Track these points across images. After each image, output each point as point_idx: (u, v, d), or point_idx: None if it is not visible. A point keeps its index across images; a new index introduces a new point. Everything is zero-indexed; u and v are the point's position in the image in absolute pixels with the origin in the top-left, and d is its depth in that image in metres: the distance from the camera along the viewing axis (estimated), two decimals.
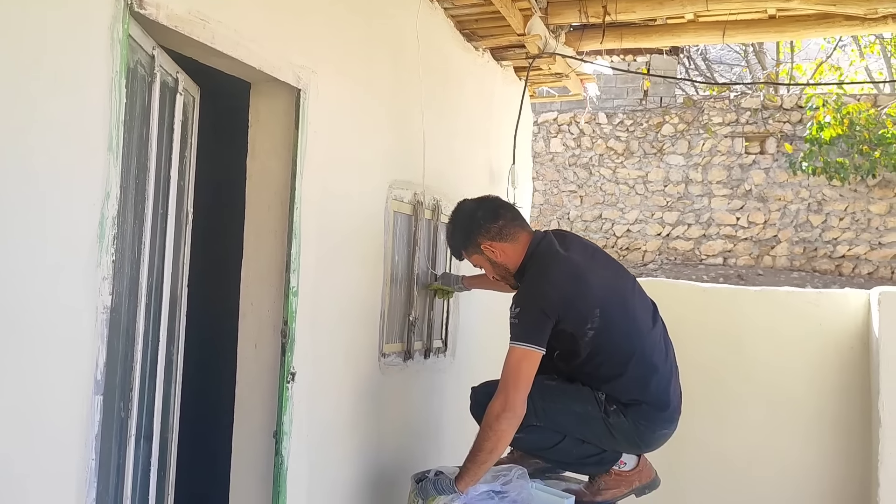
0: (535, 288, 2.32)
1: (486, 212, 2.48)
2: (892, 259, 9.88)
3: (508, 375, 2.23)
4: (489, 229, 2.44)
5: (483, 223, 2.46)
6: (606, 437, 2.36)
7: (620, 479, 2.41)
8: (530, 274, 2.38)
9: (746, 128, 10.56)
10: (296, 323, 2.25)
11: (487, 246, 2.45)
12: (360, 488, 2.62)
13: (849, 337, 3.31)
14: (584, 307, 2.29)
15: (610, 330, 2.31)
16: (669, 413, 2.37)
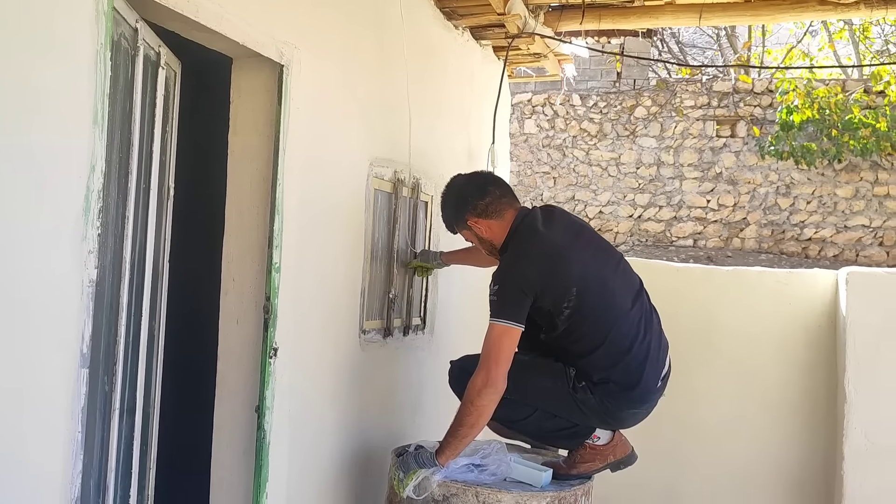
0: (514, 266, 2.36)
1: (475, 188, 2.51)
2: (856, 242, 10.09)
3: (489, 352, 2.27)
4: (476, 206, 2.48)
5: (471, 200, 2.49)
6: (575, 413, 2.41)
7: (595, 453, 2.46)
8: (509, 251, 2.42)
9: (718, 111, 10.68)
10: (278, 299, 2.26)
11: (474, 222, 2.49)
12: (342, 462, 2.65)
13: (817, 315, 3.40)
14: (560, 286, 2.32)
15: (586, 309, 2.34)
16: (639, 392, 2.39)
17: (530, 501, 2.26)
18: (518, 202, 2.54)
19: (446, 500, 2.27)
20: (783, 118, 9.60)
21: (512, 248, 2.42)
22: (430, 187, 3.22)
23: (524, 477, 2.34)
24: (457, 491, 2.27)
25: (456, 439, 2.29)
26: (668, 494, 3.51)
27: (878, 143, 9.31)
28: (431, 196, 3.26)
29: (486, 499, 2.24)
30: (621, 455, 2.48)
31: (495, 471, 2.32)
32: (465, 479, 2.29)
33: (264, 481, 2.24)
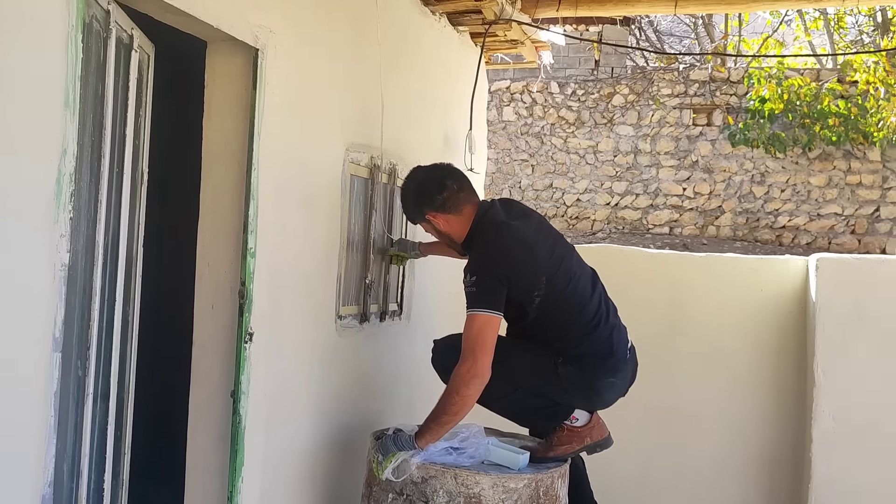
0: (488, 256, 2.40)
1: (432, 183, 2.54)
2: (829, 230, 10.23)
3: (474, 342, 2.30)
4: (433, 200, 2.51)
5: (429, 194, 2.52)
6: (558, 388, 2.45)
7: (573, 434, 2.49)
8: (481, 242, 2.45)
9: (694, 100, 10.75)
10: (253, 284, 2.26)
11: (432, 216, 2.53)
12: (318, 447, 2.66)
13: (788, 301, 3.45)
14: (531, 275, 2.39)
15: (554, 297, 2.41)
16: (614, 362, 2.47)
17: (508, 483, 2.28)
18: (476, 196, 2.57)
19: (425, 482, 2.29)
20: (754, 107, 9.69)
21: (481, 241, 2.45)
22: (406, 173, 3.21)
23: (502, 460, 2.37)
24: (435, 473, 2.29)
25: (437, 425, 2.32)
26: (641, 478, 3.55)
27: (848, 133, 9.43)
28: None
29: (464, 480, 2.27)
30: (598, 438, 2.52)
31: (473, 453, 2.34)
32: (444, 461, 2.31)
33: (240, 466, 2.24)
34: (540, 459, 2.47)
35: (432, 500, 2.27)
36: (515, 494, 2.29)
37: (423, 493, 2.28)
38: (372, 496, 2.41)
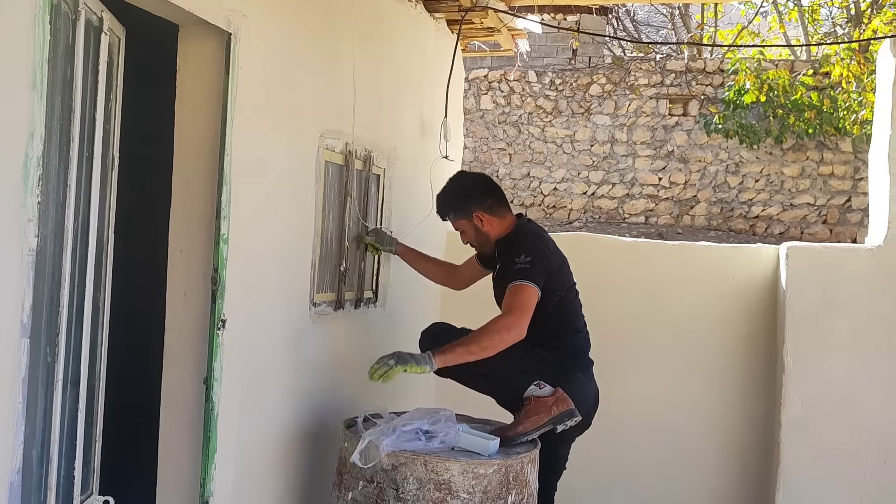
0: (540, 247, 2.72)
1: (483, 186, 2.89)
2: (801, 220, 10.35)
3: (522, 304, 2.56)
4: (483, 201, 2.80)
5: (479, 195, 2.82)
6: (532, 368, 2.62)
7: (540, 404, 2.53)
8: (529, 240, 2.73)
9: (671, 90, 10.81)
10: (226, 270, 2.25)
11: (479, 215, 2.79)
12: (291, 434, 2.66)
13: (759, 289, 3.50)
14: (562, 278, 2.75)
15: (568, 303, 2.78)
16: (586, 362, 2.79)
17: (478, 469, 2.30)
18: (510, 208, 2.89)
19: (395, 470, 2.30)
20: (730, 97, 9.76)
21: (528, 240, 2.74)
22: (382, 160, 3.21)
23: (472, 446, 2.39)
24: (405, 460, 2.30)
25: (463, 351, 2.51)
26: (614, 465, 3.60)
27: (822, 126, 9.54)
28: (384, 169, 3.25)
29: (434, 467, 2.28)
30: (564, 408, 2.56)
31: (444, 439, 2.36)
32: (414, 447, 2.32)
33: (213, 453, 2.24)
34: (510, 438, 2.49)
35: (402, 488, 2.28)
36: (485, 480, 2.31)
37: (393, 481, 2.30)
38: (343, 484, 2.42)
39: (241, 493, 2.37)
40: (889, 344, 3.08)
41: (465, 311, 3.90)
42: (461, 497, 2.28)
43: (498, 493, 2.32)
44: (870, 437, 3.09)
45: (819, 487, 3.13)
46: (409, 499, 2.28)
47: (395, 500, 2.29)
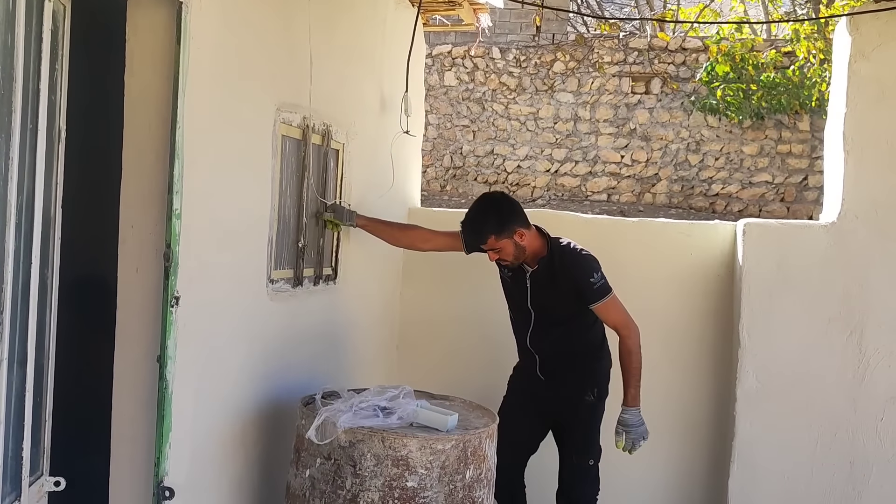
0: (593, 260, 3.01)
1: (516, 205, 3.02)
2: (760, 198, 10.50)
3: (624, 314, 2.98)
4: (522, 220, 2.94)
5: (518, 214, 2.96)
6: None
7: None
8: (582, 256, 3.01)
9: (633, 68, 10.85)
10: (179, 246, 2.19)
11: (521, 233, 2.91)
12: (250, 412, 2.63)
13: (716, 265, 3.54)
14: None
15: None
16: None
17: (436, 445, 2.30)
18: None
19: (352, 446, 2.29)
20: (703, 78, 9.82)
21: (575, 254, 3.01)
22: (341, 135, 3.17)
23: (430, 421, 2.38)
24: (363, 437, 2.28)
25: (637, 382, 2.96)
26: None
27: (790, 102, 9.64)
28: (343, 144, 3.21)
29: (392, 443, 2.27)
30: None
31: (402, 415, 2.35)
32: (372, 424, 2.31)
33: (167, 431, 2.20)
34: None
35: (360, 464, 2.27)
36: (443, 455, 2.31)
37: (350, 458, 2.29)
38: (300, 461, 2.40)
39: (197, 472, 2.34)
40: (841, 318, 3.15)
41: (427, 288, 3.91)
42: (419, 473, 2.27)
43: (456, 468, 2.33)
44: (821, 409, 3.16)
45: (772, 458, 3.20)
46: (366, 475, 2.27)
47: (352, 476, 2.28)
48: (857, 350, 3.13)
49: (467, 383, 3.22)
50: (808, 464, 3.17)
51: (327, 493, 2.32)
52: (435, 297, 3.90)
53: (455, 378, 3.45)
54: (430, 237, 3.29)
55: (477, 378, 3.25)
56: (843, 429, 3.14)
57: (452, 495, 2.32)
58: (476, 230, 2.96)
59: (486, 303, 3.76)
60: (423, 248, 3.36)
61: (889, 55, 3.10)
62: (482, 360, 3.40)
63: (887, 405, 3.10)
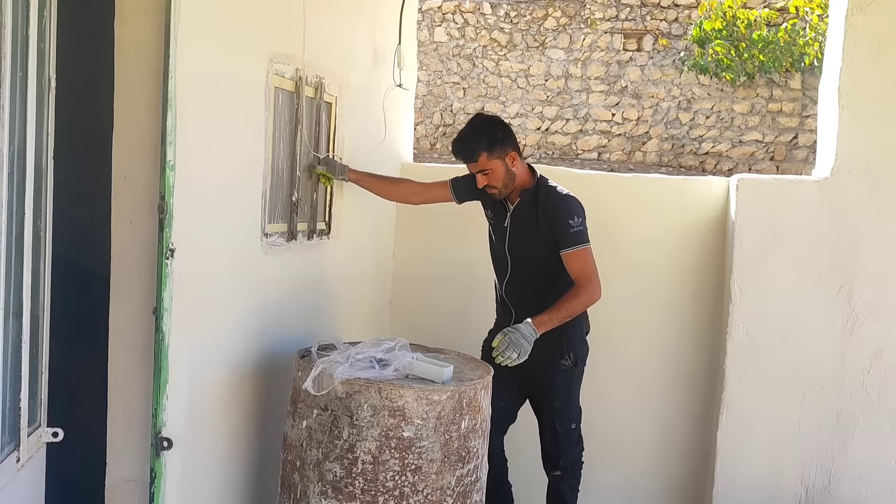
0: (578, 205, 2.91)
1: (509, 129, 2.96)
2: (750, 156, 10.51)
3: (593, 270, 2.86)
4: (515, 145, 2.90)
5: (511, 138, 2.91)
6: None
7: None
8: (569, 198, 2.93)
9: (626, 24, 10.75)
10: (173, 198, 2.17)
11: (513, 157, 2.88)
12: (245, 364, 2.64)
13: (709, 220, 3.55)
14: None
15: None
16: None
17: (432, 396, 2.32)
18: None
19: (349, 397, 2.31)
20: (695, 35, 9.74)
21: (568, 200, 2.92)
22: (334, 88, 3.13)
23: (425, 373, 2.40)
24: (360, 388, 2.30)
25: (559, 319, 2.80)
26: None
27: (780, 60, 9.60)
28: (335, 97, 3.17)
29: (388, 394, 2.29)
30: None
31: (397, 367, 2.37)
32: (368, 375, 2.33)
33: (164, 383, 2.20)
34: None
35: (356, 415, 2.29)
36: (439, 406, 2.33)
37: (347, 408, 2.31)
38: (297, 412, 2.42)
39: (194, 423, 2.35)
40: (831, 273, 3.17)
41: (420, 243, 3.92)
42: (415, 423, 2.30)
43: (451, 418, 2.35)
44: (810, 362, 3.21)
45: (760, 411, 3.25)
46: (363, 425, 2.29)
47: (349, 426, 2.31)
48: (847, 304, 3.16)
49: (459, 338, 3.23)
50: (795, 416, 3.22)
51: (324, 444, 2.34)
52: (428, 253, 3.91)
53: (447, 333, 3.46)
54: (421, 189, 3.29)
55: (469, 333, 3.26)
56: (830, 382, 3.19)
57: (448, 445, 2.35)
58: (469, 147, 2.88)
59: (478, 259, 3.76)
60: (414, 201, 3.35)
61: (886, 9, 3.07)
62: (474, 315, 3.41)
63: (874, 358, 3.14)
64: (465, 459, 2.39)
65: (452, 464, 2.36)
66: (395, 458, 2.31)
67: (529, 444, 3.11)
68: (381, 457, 2.31)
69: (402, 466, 2.32)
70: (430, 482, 2.34)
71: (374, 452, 2.30)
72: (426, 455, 2.33)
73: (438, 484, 2.35)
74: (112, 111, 2.23)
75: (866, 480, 3.16)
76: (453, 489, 2.37)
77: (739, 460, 3.27)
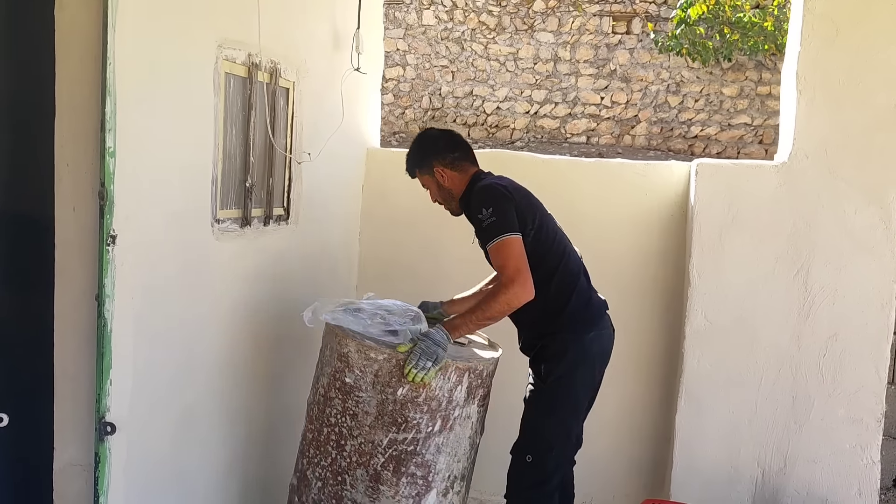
0: (495, 190, 2.65)
1: (447, 142, 2.83)
2: (738, 140, 10.50)
3: (511, 257, 2.51)
4: (445, 157, 2.78)
5: (442, 150, 2.80)
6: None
7: None
8: (484, 189, 2.67)
9: (614, 7, 10.69)
10: (114, 185, 2.19)
11: (440, 170, 2.78)
12: (193, 350, 2.66)
13: (670, 205, 3.56)
14: (528, 208, 2.68)
15: (543, 234, 2.69)
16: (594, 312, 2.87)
17: (370, 353, 2.46)
18: (478, 165, 2.87)
19: (325, 337, 2.66)
20: (679, 15, 9.70)
21: (482, 191, 2.66)
22: (291, 73, 3.13)
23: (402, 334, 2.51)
24: (329, 331, 2.62)
25: (475, 325, 2.55)
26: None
27: (765, 43, 9.56)
28: (293, 83, 3.17)
29: (340, 341, 2.54)
30: None
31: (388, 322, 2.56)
32: (344, 322, 2.57)
33: (107, 368, 2.23)
34: None
35: (323, 353, 2.66)
36: (376, 364, 2.47)
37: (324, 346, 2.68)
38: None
39: (140, 408, 2.37)
40: (788, 257, 3.18)
41: (387, 228, 3.92)
42: (355, 372, 2.49)
43: (387, 381, 2.46)
44: (767, 346, 3.22)
45: (718, 394, 3.27)
46: (324, 363, 2.64)
47: (320, 361, 2.69)
48: (803, 288, 3.17)
49: None
50: (752, 399, 3.24)
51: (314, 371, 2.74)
52: (395, 238, 3.92)
53: None
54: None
55: None
56: (786, 365, 3.21)
57: (383, 405, 2.47)
58: (406, 161, 2.88)
59: (445, 245, 3.78)
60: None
61: None
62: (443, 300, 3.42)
63: (830, 342, 3.15)
64: (402, 427, 2.47)
65: (386, 424, 2.48)
66: (339, 398, 2.54)
67: None
68: (328, 393, 2.57)
69: (343, 408, 2.53)
70: (363, 432, 2.50)
71: (326, 388, 2.59)
72: (363, 406, 2.49)
73: (370, 437, 2.49)
74: (53, 98, 2.23)
75: (821, 462, 3.18)
76: (384, 449, 2.48)
77: (697, 442, 3.29)
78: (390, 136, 11.07)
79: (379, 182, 3.92)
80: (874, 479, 3.15)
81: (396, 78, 11.34)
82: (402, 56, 11.36)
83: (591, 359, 2.75)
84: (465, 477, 2.67)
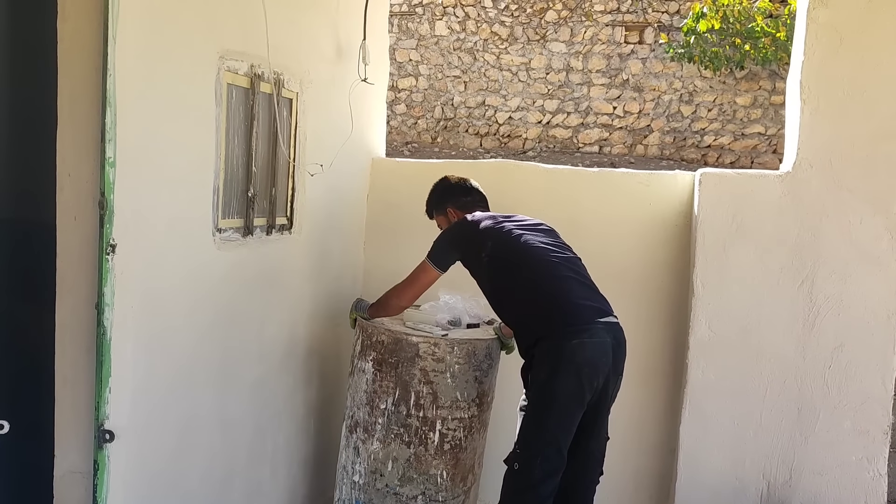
0: (453, 229, 3.09)
1: (462, 188, 3.23)
2: (752, 149, 10.45)
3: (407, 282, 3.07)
4: (458, 200, 3.19)
5: (456, 194, 3.21)
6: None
7: None
8: (459, 219, 3.11)
9: (626, 17, 10.69)
10: (114, 195, 2.21)
11: (451, 211, 3.18)
12: (195, 360, 2.67)
13: (674, 215, 3.54)
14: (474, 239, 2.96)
15: (504, 252, 2.90)
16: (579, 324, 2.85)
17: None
18: (487, 208, 3.20)
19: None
20: (689, 24, 9.69)
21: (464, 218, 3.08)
22: (294, 84, 3.15)
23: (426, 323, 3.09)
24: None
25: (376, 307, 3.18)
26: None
27: (777, 53, 9.52)
28: (296, 93, 3.19)
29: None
30: None
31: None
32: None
33: (106, 376, 2.24)
34: None
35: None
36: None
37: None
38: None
39: (140, 416, 2.39)
40: (792, 267, 3.16)
41: (391, 239, 3.93)
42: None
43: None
44: (771, 357, 3.20)
45: (723, 405, 3.25)
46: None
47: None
48: (808, 299, 3.15)
49: None
50: (757, 410, 3.22)
51: None
52: (399, 248, 3.92)
53: None
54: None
55: None
56: (791, 376, 3.18)
57: None
58: (426, 206, 3.30)
59: None
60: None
61: (848, 3, 3.05)
62: None
63: (835, 353, 3.13)
64: None
65: None
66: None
67: None
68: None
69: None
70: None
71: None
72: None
73: None
74: (56, 108, 2.26)
75: (827, 474, 3.15)
76: None
77: (701, 454, 3.27)
78: (402, 145, 11.11)
79: (384, 192, 3.94)
80: (881, 491, 3.11)
81: (409, 88, 11.39)
82: (415, 66, 11.40)
83: (576, 366, 2.67)
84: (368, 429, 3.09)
